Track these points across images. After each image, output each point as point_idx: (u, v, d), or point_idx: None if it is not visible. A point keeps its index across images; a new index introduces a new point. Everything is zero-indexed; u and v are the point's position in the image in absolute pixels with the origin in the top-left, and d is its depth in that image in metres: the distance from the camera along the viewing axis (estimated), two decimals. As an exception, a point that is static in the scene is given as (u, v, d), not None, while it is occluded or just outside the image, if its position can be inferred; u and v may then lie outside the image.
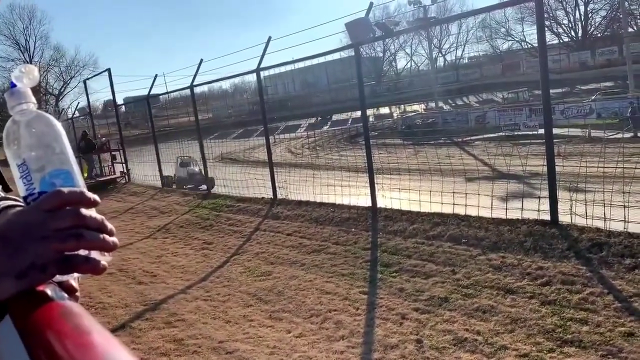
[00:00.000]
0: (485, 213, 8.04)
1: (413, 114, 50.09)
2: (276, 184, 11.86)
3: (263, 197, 11.94)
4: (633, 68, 36.02)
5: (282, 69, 12.09)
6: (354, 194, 10.19)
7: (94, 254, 0.68)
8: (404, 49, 77.48)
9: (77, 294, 0.75)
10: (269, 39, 11.28)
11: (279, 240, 8.85)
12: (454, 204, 8.53)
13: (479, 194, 8.37)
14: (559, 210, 7.17)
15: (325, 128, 49.36)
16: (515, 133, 26.97)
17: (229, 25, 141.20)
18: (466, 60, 74.77)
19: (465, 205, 8.40)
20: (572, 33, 69.65)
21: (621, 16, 48.80)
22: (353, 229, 8.63)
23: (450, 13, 64.21)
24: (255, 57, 11.45)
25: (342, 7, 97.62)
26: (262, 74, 12.13)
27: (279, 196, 11.69)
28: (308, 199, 10.81)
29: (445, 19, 51.84)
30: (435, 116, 42.28)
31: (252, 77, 14.65)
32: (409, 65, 79.49)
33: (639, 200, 6.78)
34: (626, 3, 50.38)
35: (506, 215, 7.79)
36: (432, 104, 55.66)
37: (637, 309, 4.67)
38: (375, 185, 9.62)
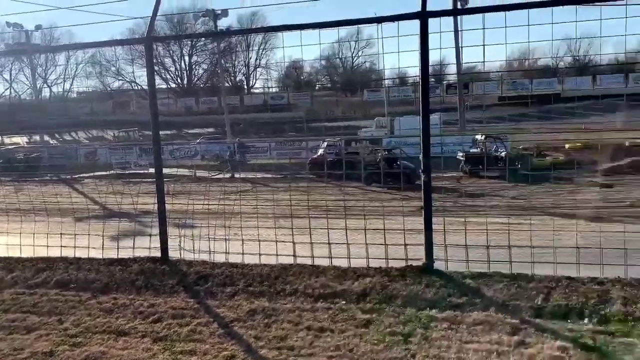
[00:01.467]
0: (97, 254, 7.68)
1: (13, 147, 44.44)
2: None
3: None
4: (229, 117, 41.28)
5: None
6: None
7: None
8: (2, 73, 68.72)
9: None
10: None
11: None
12: (61, 246, 7.86)
13: (89, 234, 7.95)
14: (169, 246, 7.45)
15: None
16: (127, 171, 27.04)
17: None
18: (75, 95, 71.45)
19: (75, 246, 7.85)
20: (179, 80, 75.43)
21: (219, 71, 55.64)
22: None
23: (57, 43, 60.48)
24: None
25: None
26: None
27: None
28: None
29: (51, 48, 48.55)
30: (40, 150, 38.52)
31: None
32: (8, 92, 70.75)
33: (237, 234, 7.65)
34: (222, 61, 57.79)
35: (118, 254, 7.62)
36: (37, 137, 50.68)
37: (237, 332, 5.20)
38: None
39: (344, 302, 5.75)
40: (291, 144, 34.21)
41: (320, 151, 26.53)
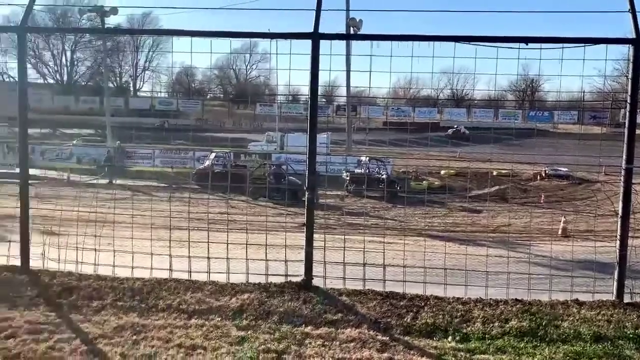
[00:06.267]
0: (-59, 261, 6.83)
1: None
2: None
3: None
4: (111, 120, 39.09)
5: None
6: None
7: None
8: None
9: None
10: None
11: None
12: None
13: None
14: (31, 255, 6.82)
15: None
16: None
17: None
18: None
19: None
20: (58, 76, 70.29)
21: (103, 70, 52.70)
22: None
23: None
24: None
25: None
26: None
27: None
28: None
29: None
30: None
31: None
32: None
33: (110, 244, 7.21)
34: (108, 60, 54.86)
35: (-32, 262, 6.84)
36: None
37: (101, 350, 4.86)
38: None
39: (219, 318, 5.61)
40: (177, 153, 33.16)
41: (207, 162, 25.97)
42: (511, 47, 6.45)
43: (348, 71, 33.26)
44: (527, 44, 6.31)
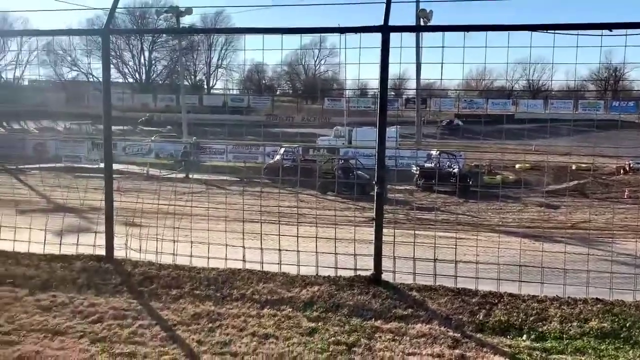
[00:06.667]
0: (37, 249, 7.40)
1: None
2: None
3: None
4: (187, 117, 40.64)
5: None
6: None
7: None
8: (-52, 54, 65.61)
9: None
10: None
11: None
12: (0, 239, 7.53)
13: (30, 228, 7.64)
14: (115, 245, 7.25)
15: None
16: (76, 165, 26.21)
17: None
18: (26, 82, 68.77)
19: (14, 240, 7.53)
20: (137, 75, 73.79)
21: (179, 69, 54.80)
22: None
23: (10, 28, 58.15)
24: None
25: None
26: None
27: None
28: None
29: (3, 33, 46.60)
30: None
31: None
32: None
33: (187, 235, 7.53)
34: (183, 59, 56.98)
35: (60, 250, 7.37)
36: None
37: (179, 336, 5.10)
38: None
39: (290, 309, 5.73)
40: (248, 148, 33.98)
41: (277, 157, 26.45)
42: (593, 35, 6.10)
43: (418, 63, 32.79)
44: (611, 30, 5.94)
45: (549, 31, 6.18)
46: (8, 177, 20.08)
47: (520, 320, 5.50)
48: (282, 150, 27.51)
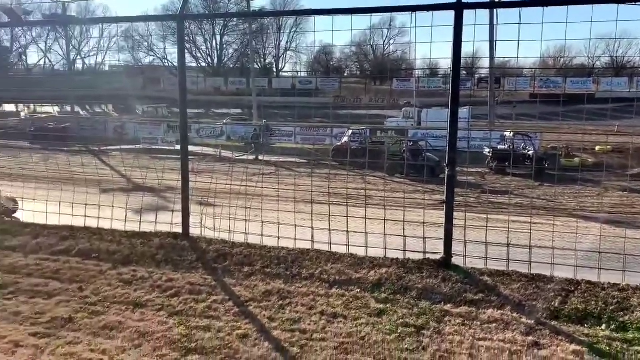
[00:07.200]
0: (119, 226, 7.85)
1: (45, 115, 45.33)
2: None
3: None
4: (257, 100, 41.35)
5: None
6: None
7: None
8: (38, 43, 70.02)
9: None
10: None
11: None
12: (85, 216, 8.04)
13: (113, 206, 8.11)
14: (190, 223, 7.56)
15: None
16: (154, 147, 27.38)
17: None
18: (107, 68, 72.34)
19: (99, 217, 8.02)
20: (209, 59, 75.71)
21: (249, 53, 55.66)
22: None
23: (92, 16, 61.24)
24: None
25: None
26: None
27: None
28: None
29: (85, 20, 49.16)
30: (70, 121, 39.20)
31: None
32: (42, 62, 72.17)
33: (258, 215, 7.72)
34: (254, 42, 57.82)
35: (140, 228, 7.77)
36: (68, 108, 51.54)
37: (251, 312, 5.27)
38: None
39: (358, 290, 5.77)
40: (316, 130, 34.15)
41: (345, 139, 26.40)
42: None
43: (492, 41, 31.48)
44: None
45: (636, 4, 5.75)
46: (92, 158, 21.31)
47: (599, 309, 5.25)
48: (350, 132, 27.42)
